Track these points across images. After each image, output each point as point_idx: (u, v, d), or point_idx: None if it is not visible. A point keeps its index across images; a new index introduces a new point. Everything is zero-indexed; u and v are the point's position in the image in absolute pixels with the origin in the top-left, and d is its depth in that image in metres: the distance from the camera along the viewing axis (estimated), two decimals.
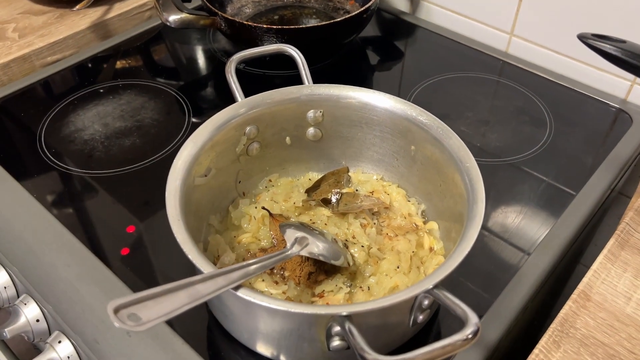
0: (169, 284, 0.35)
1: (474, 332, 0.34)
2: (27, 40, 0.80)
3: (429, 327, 0.49)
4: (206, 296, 0.36)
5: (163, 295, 0.34)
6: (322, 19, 0.86)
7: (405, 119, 0.52)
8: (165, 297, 0.34)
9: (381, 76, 0.82)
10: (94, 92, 0.76)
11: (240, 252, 0.51)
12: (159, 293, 0.34)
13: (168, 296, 0.34)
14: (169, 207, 0.42)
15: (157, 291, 0.34)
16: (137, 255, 0.54)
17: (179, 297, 0.35)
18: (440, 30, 0.89)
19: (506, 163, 0.66)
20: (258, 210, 0.53)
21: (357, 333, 0.35)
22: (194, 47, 0.87)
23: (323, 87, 0.55)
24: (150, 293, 0.33)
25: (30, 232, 0.56)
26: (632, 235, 0.52)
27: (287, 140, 0.57)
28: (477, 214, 0.43)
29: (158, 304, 0.33)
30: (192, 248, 0.40)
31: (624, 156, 0.66)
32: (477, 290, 0.52)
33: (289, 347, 0.43)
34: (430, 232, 0.53)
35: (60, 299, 0.52)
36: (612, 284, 0.48)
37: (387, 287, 0.47)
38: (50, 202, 0.60)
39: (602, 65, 0.76)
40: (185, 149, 0.47)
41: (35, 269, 0.54)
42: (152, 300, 0.33)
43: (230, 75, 0.54)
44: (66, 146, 0.67)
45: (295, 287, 0.47)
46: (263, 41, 0.74)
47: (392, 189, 0.57)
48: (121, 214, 0.59)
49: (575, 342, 0.44)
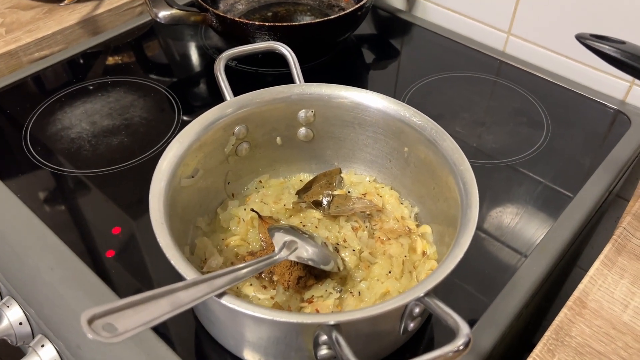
0: (149, 292, 0.33)
1: (466, 343, 0.33)
2: (15, 35, 0.78)
3: (421, 334, 0.48)
4: (189, 304, 0.34)
5: (142, 303, 0.32)
6: (316, 16, 0.85)
7: (399, 119, 0.51)
8: (145, 306, 0.32)
9: (376, 75, 0.80)
10: (82, 89, 0.74)
11: (228, 256, 0.50)
12: (138, 301, 0.32)
13: (148, 304, 0.33)
14: (152, 210, 0.41)
15: (136, 299, 0.32)
16: (123, 258, 0.53)
17: (159, 306, 0.33)
18: (437, 28, 0.88)
19: (503, 165, 0.65)
20: (247, 213, 0.52)
21: (344, 343, 0.34)
22: (185, 44, 0.85)
23: (314, 87, 0.53)
24: (128, 302, 0.32)
25: (13, 233, 0.55)
26: (629, 240, 0.51)
27: (278, 140, 0.56)
28: (470, 218, 0.41)
29: (137, 313, 0.32)
30: (175, 253, 0.38)
31: (622, 158, 0.65)
32: (473, 293, 0.51)
33: (275, 355, 0.42)
34: (423, 236, 0.52)
35: (43, 303, 0.50)
36: (608, 291, 0.47)
37: (379, 292, 0.46)
38: (34, 202, 0.58)
39: (601, 66, 0.75)
40: (171, 149, 0.46)
41: (18, 272, 0.53)
42: (130, 309, 0.32)
43: (219, 73, 0.53)
44: (52, 144, 0.65)
45: (284, 292, 0.46)
46: (255, 38, 0.72)
47: (385, 191, 0.56)
48: (107, 215, 0.57)
49: (570, 350, 0.43)
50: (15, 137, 0.66)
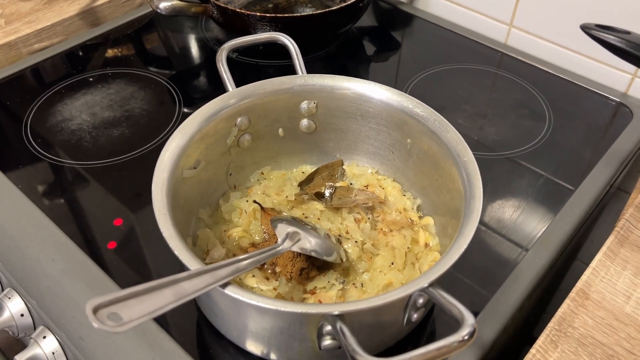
0: (153, 282, 0.33)
1: (470, 333, 0.33)
2: (14, 26, 0.78)
3: (424, 325, 0.48)
4: (192, 294, 0.34)
5: (146, 293, 0.32)
6: (318, 8, 0.84)
7: (402, 111, 0.51)
8: (149, 296, 0.32)
9: (377, 67, 0.80)
10: (82, 80, 0.74)
11: (230, 247, 0.49)
12: (142, 291, 0.32)
13: (152, 294, 0.33)
14: (155, 201, 0.41)
15: (140, 289, 0.32)
16: (125, 249, 0.53)
17: (163, 296, 0.33)
18: (438, 20, 0.87)
19: (504, 157, 0.64)
20: (249, 204, 0.52)
21: (348, 333, 0.34)
22: (186, 36, 0.85)
23: (317, 78, 0.53)
24: (132, 291, 0.32)
25: (14, 225, 0.55)
26: (631, 232, 0.51)
27: (280, 132, 0.56)
28: (474, 210, 0.41)
29: (141, 302, 0.32)
30: (178, 244, 0.38)
31: (624, 151, 0.65)
32: (474, 286, 0.51)
33: (279, 345, 0.42)
34: (425, 228, 0.52)
35: (45, 295, 0.50)
36: (611, 282, 0.47)
37: (381, 284, 0.46)
38: (35, 194, 0.58)
39: (603, 58, 0.75)
40: (173, 140, 0.46)
41: (19, 263, 0.53)
42: (134, 299, 0.32)
43: (221, 64, 0.52)
44: (53, 136, 0.65)
45: (286, 284, 0.46)
46: (256, 30, 0.72)
47: (387, 183, 0.56)
48: (108, 207, 0.57)
49: (573, 341, 0.43)
50: (15, 129, 0.66)
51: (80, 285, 0.49)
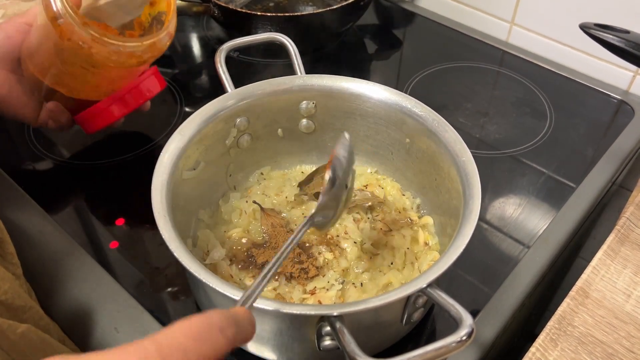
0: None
1: (469, 334, 0.33)
2: None
3: (424, 324, 0.48)
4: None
5: None
6: (319, 6, 0.84)
7: (400, 110, 0.51)
8: None
9: (379, 66, 0.80)
10: None
11: (230, 248, 0.50)
12: None
13: None
14: (154, 202, 0.41)
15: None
16: (127, 249, 0.53)
17: None
18: (440, 18, 0.87)
19: (506, 155, 0.64)
20: (249, 205, 0.52)
21: (348, 334, 0.34)
22: (187, 35, 0.85)
23: (316, 78, 0.53)
24: None
25: (16, 224, 0.55)
26: (632, 230, 0.51)
27: (279, 132, 0.56)
28: (472, 209, 0.41)
29: None
30: (178, 245, 0.38)
31: (626, 149, 0.65)
32: (475, 283, 0.51)
33: (279, 346, 0.42)
34: (425, 227, 0.52)
35: (45, 294, 0.50)
36: (611, 281, 0.47)
37: (381, 283, 0.46)
38: (37, 193, 0.58)
39: (604, 56, 0.74)
40: (172, 142, 0.46)
41: (21, 263, 0.53)
42: None
43: (220, 65, 0.52)
44: (55, 136, 0.65)
45: (286, 284, 0.46)
46: (257, 29, 0.72)
47: (386, 183, 0.56)
48: (110, 206, 0.57)
49: (573, 340, 0.43)
50: (18, 129, 0.66)
51: (83, 284, 0.50)
